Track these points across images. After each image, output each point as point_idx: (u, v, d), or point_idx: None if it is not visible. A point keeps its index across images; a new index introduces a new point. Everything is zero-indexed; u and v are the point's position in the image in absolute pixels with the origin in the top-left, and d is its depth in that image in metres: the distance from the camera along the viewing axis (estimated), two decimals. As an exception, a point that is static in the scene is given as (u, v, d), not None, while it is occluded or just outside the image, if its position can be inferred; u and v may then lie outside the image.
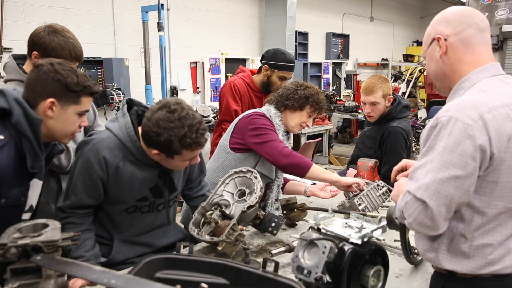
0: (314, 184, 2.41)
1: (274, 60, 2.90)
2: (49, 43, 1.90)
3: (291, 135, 2.39)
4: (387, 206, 1.90)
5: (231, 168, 2.22)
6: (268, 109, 2.28)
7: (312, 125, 6.79)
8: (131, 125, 1.69)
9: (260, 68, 2.97)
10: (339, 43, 9.98)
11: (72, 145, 1.95)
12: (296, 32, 8.11)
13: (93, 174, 1.66)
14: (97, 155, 1.65)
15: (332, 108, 7.60)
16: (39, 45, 1.92)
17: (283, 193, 2.48)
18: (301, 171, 2.13)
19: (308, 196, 2.40)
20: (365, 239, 1.33)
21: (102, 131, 1.75)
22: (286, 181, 2.48)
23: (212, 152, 2.73)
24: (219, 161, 2.27)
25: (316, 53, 9.42)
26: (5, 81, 2.04)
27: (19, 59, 2.05)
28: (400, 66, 11.22)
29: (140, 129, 1.69)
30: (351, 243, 1.31)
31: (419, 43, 11.99)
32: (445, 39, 1.30)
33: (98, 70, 5.54)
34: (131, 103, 1.78)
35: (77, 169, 1.68)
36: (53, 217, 2.00)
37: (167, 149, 1.58)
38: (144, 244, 1.85)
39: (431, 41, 1.34)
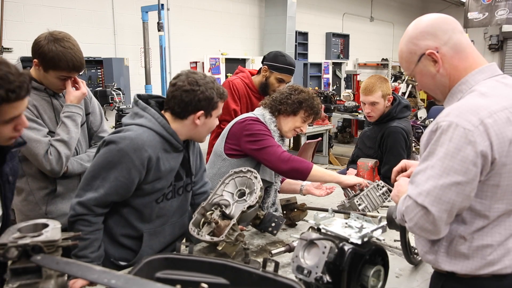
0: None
1: (274, 61, 2.90)
2: (47, 53, 1.90)
3: (286, 139, 2.39)
4: (387, 206, 1.90)
5: None
6: (263, 114, 2.26)
7: (312, 125, 6.73)
8: (160, 116, 1.72)
9: (260, 69, 2.98)
10: (339, 43, 9.99)
11: (65, 151, 1.95)
12: (296, 32, 8.11)
13: (133, 170, 1.64)
14: (140, 152, 1.64)
15: (332, 108, 7.59)
16: (39, 54, 1.93)
17: (279, 192, 2.47)
18: (302, 175, 2.12)
19: (304, 195, 2.40)
20: (365, 239, 1.33)
21: (131, 128, 1.71)
22: (282, 179, 2.48)
23: (209, 153, 2.73)
24: (215, 168, 2.26)
25: (316, 53, 9.43)
26: None
27: (27, 61, 2.06)
28: (400, 66, 11.22)
29: (166, 115, 1.76)
30: (351, 243, 1.31)
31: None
32: (437, 52, 1.27)
33: (98, 70, 5.54)
34: (141, 97, 1.82)
35: (113, 164, 1.63)
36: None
37: (208, 105, 1.72)
38: (168, 233, 1.86)
39: (419, 58, 1.30)
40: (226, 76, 7.07)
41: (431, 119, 6.99)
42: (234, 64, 7.09)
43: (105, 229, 1.74)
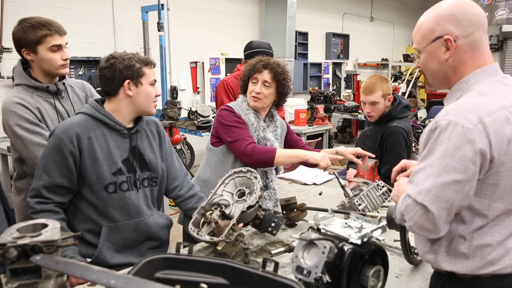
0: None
1: (245, 51, 3.06)
2: (25, 32, 1.94)
3: (260, 114, 2.33)
4: (387, 206, 1.90)
5: (217, 163, 2.28)
6: (239, 97, 2.35)
7: (312, 126, 6.68)
8: (95, 102, 1.81)
9: None
10: (339, 43, 9.99)
11: None
12: (296, 32, 8.11)
13: (64, 149, 1.70)
14: (67, 130, 1.71)
15: (332, 108, 7.59)
16: (20, 40, 1.96)
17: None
18: (268, 164, 2.16)
19: (341, 156, 2.33)
20: (365, 239, 1.33)
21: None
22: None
23: None
24: (205, 159, 2.36)
25: (316, 53, 9.43)
26: (15, 85, 2.07)
27: (27, 63, 2.06)
28: (400, 66, 11.22)
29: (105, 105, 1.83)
30: (351, 243, 1.31)
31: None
32: (455, 41, 1.25)
33: (98, 70, 5.54)
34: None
35: (49, 148, 1.72)
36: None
37: (132, 72, 1.75)
38: (133, 230, 1.83)
39: (435, 38, 1.27)
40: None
41: (431, 119, 6.98)
42: (234, 64, 7.08)
43: (68, 226, 1.76)
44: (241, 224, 1.86)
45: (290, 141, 2.52)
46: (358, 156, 2.30)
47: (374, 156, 2.38)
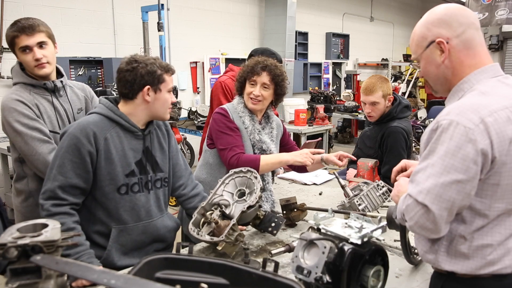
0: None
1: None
2: (7, 35, 1.95)
3: (255, 116, 2.32)
4: (387, 206, 1.90)
5: (213, 164, 2.29)
6: (235, 98, 2.35)
7: (312, 126, 6.66)
8: (109, 102, 1.79)
9: None
10: (339, 43, 9.99)
11: None
12: (296, 32, 8.11)
13: (81, 148, 1.67)
14: (85, 130, 1.69)
15: (332, 108, 7.59)
16: (9, 43, 1.97)
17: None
18: None
19: (327, 164, 2.36)
20: (365, 239, 1.33)
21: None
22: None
23: None
24: (202, 160, 2.37)
25: (316, 53, 9.42)
26: (13, 84, 2.07)
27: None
28: (400, 66, 11.22)
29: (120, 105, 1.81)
30: (351, 243, 1.31)
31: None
32: (447, 42, 1.28)
33: (98, 70, 5.54)
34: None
35: (64, 148, 1.68)
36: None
37: (153, 79, 1.73)
38: (141, 232, 1.83)
39: (428, 44, 1.31)
40: (226, 76, 7.07)
41: (431, 119, 6.98)
42: (234, 64, 7.08)
43: None
44: (244, 227, 1.87)
45: (285, 145, 2.52)
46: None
47: (355, 158, 2.41)
